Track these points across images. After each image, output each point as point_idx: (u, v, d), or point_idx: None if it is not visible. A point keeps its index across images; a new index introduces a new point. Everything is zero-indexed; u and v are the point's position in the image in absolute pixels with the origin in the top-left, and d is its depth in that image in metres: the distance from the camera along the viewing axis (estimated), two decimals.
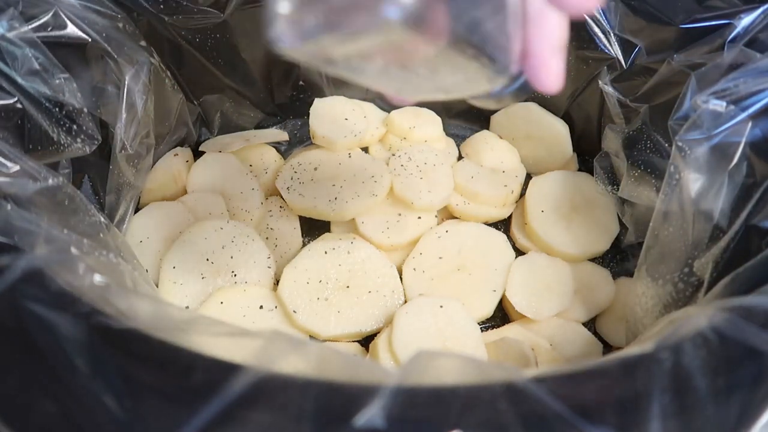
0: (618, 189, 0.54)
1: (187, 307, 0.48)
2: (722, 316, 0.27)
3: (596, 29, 0.52)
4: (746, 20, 0.43)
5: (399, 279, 0.50)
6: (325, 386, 0.24)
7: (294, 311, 0.47)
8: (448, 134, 0.63)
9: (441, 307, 0.47)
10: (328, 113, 0.61)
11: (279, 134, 0.62)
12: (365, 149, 0.61)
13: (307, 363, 0.25)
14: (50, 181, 0.37)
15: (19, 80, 0.41)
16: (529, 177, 0.59)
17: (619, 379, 0.25)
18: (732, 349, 0.26)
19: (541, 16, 0.28)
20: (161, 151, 0.57)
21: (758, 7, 0.43)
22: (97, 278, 0.30)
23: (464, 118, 0.65)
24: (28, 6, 0.42)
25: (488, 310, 0.49)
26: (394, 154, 0.58)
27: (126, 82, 0.48)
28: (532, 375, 0.25)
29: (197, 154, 0.59)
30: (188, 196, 0.55)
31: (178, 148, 0.59)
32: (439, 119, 0.63)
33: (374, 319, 0.48)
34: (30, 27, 0.41)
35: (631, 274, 0.49)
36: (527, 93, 0.31)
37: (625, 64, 0.52)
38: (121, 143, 0.48)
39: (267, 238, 0.54)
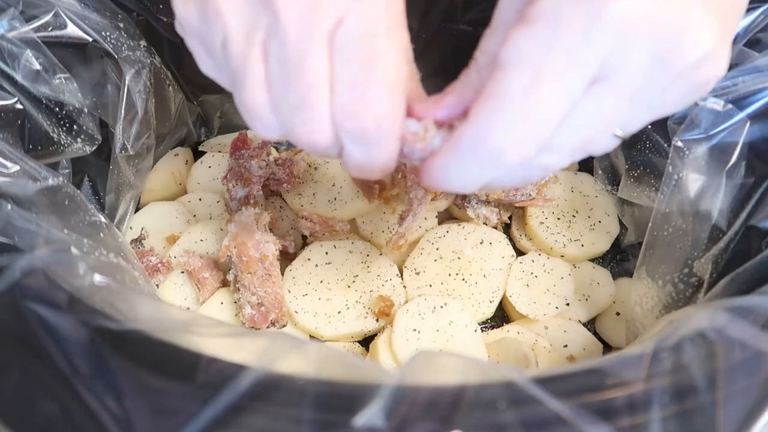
0: (618, 189, 0.54)
1: (188, 308, 0.48)
2: (722, 316, 0.27)
3: None
4: (746, 20, 0.43)
5: (399, 279, 0.50)
6: (325, 386, 0.24)
7: (294, 311, 0.47)
8: None
9: (441, 307, 0.47)
10: None
11: None
12: None
13: (307, 363, 0.25)
14: (50, 181, 0.37)
15: (19, 80, 0.41)
16: None
17: (619, 379, 0.25)
18: (732, 349, 0.26)
19: None
20: (161, 151, 0.57)
21: (758, 7, 0.43)
22: (97, 278, 0.30)
23: None
24: (28, 6, 0.42)
25: (488, 310, 0.49)
26: None
27: (126, 82, 0.48)
28: (532, 375, 0.25)
29: (197, 154, 0.59)
30: (188, 196, 0.55)
31: (178, 148, 0.59)
32: None
33: (374, 319, 0.48)
34: (30, 27, 0.41)
35: (631, 274, 0.49)
36: None
37: None
38: (121, 143, 0.48)
39: None
